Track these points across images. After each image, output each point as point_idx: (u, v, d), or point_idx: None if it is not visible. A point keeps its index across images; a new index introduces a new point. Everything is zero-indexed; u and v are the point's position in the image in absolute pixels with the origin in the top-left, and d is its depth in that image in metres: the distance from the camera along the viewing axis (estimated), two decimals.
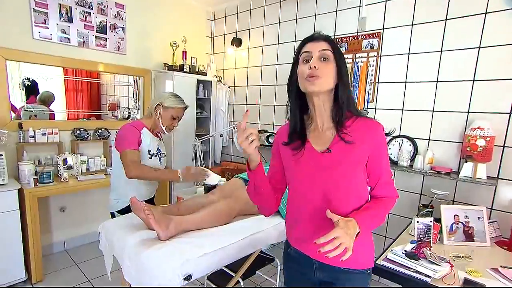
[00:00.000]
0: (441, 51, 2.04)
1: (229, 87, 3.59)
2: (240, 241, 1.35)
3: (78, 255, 2.67)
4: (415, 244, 1.43)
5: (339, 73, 0.92)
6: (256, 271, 1.89)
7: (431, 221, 1.61)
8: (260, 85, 3.26)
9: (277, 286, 2.16)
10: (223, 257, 1.27)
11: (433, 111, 2.12)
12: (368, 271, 1.00)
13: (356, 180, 0.93)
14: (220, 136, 3.55)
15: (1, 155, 2.04)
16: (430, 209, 1.90)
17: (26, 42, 2.35)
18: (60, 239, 2.73)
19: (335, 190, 0.92)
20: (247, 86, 3.42)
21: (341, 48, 2.54)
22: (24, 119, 2.45)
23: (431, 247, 1.47)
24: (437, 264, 1.28)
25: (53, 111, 2.71)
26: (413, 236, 1.66)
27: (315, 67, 0.88)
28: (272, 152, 1.10)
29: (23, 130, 2.34)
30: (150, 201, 1.84)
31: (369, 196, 1.00)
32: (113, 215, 1.76)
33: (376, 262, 1.39)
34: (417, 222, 1.61)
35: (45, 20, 2.40)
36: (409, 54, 2.20)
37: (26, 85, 2.55)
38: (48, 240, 2.66)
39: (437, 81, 2.08)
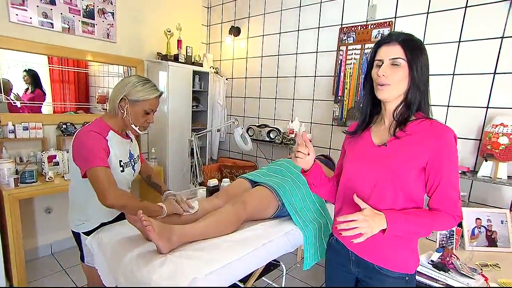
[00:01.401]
0: (459, 41, 1.91)
1: (226, 79, 3.39)
2: (251, 253, 1.19)
3: (65, 259, 2.47)
4: (441, 253, 1.31)
5: (412, 77, 0.90)
6: (261, 277, 1.76)
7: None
8: (260, 77, 3.08)
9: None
10: (232, 273, 1.11)
11: (448, 106, 1.99)
12: (407, 278, 0.95)
13: (406, 180, 0.90)
14: (218, 131, 3.37)
15: None
16: None
17: (2, 26, 2.10)
18: (46, 243, 2.53)
19: (382, 184, 0.92)
20: (245, 78, 3.23)
21: (349, 38, 2.44)
22: None
23: (455, 254, 1.36)
24: (469, 277, 1.16)
25: (13, 101, 2.36)
26: (432, 241, 1.55)
27: (383, 75, 0.90)
28: (342, 147, 1.15)
29: (1, 124, 2.11)
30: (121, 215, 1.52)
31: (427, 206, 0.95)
32: (78, 236, 1.42)
33: None
34: None
35: (23, 1, 2.15)
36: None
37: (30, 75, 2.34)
38: (33, 244, 2.46)
39: (453, 74, 1.95)
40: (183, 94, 3.01)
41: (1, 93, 2.24)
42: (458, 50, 1.92)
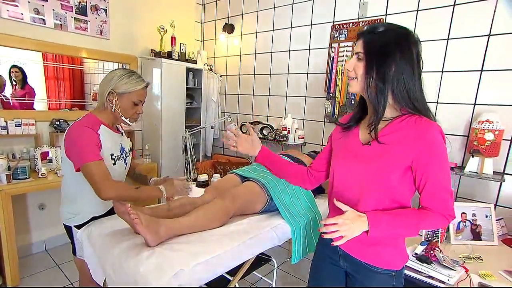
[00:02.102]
0: (448, 39, 1.93)
1: (220, 76, 3.41)
2: (237, 247, 1.21)
3: (59, 255, 2.49)
4: (425, 246, 1.34)
5: (367, 72, 0.88)
6: (252, 272, 1.78)
7: None
8: (254, 74, 3.10)
9: (274, 286, 2.06)
10: (219, 265, 1.13)
11: (437, 103, 2.02)
12: (393, 273, 0.95)
13: (389, 180, 0.88)
14: (211, 128, 3.38)
15: None
16: None
17: None
18: (40, 239, 2.54)
19: (365, 184, 0.92)
20: (239, 75, 3.25)
21: (340, 36, 2.46)
22: None
23: (439, 247, 1.38)
24: (451, 269, 1.19)
25: (6, 97, 2.36)
26: (420, 235, 1.58)
27: (348, 69, 0.92)
28: (328, 139, 1.15)
29: None
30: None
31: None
32: (69, 230, 1.42)
33: None
34: None
35: None
36: None
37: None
38: (26, 240, 2.47)
39: (442, 71, 1.98)
40: (177, 91, 3.02)
41: None
42: (446, 47, 1.95)
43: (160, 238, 1.14)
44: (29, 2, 2.23)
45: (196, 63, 3.20)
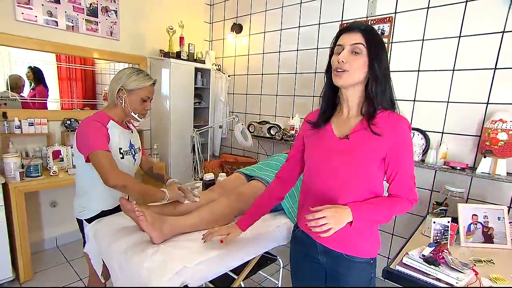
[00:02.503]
0: (460, 36, 1.89)
1: (228, 76, 3.42)
2: (241, 246, 1.22)
3: (70, 252, 2.54)
4: (433, 248, 1.31)
5: (371, 66, 0.91)
6: (257, 271, 1.78)
7: (448, 222, 1.48)
8: (262, 74, 3.10)
9: (280, 286, 2.05)
10: (222, 264, 1.14)
11: (448, 102, 1.97)
12: (371, 261, 1.02)
13: (369, 171, 0.94)
14: (219, 128, 3.40)
15: None
16: (445, 208, 1.77)
17: (9, 24, 2.16)
18: (51, 236, 2.61)
19: (346, 177, 0.95)
20: (247, 75, 3.25)
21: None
22: None
23: (448, 249, 1.35)
24: (460, 271, 1.16)
25: (25, 98, 2.44)
26: (428, 236, 1.54)
27: (342, 61, 0.90)
28: (295, 138, 1.16)
29: (7, 120, 2.18)
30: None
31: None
32: (81, 223, 1.48)
33: (390, 266, 1.27)
34: (434, 222, 1.49)
35: (29, 0, 2.21)
36: (423, 40, 2.04)
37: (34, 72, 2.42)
38: (39, 236, 2.53)
39: (453, 70, 1.93)
40: (186, 90, 3.05)
41: (9, 90, 2.32)
42: (458, 45, 1.90)
43: (164, 235, 1.16)
44: (42, 5, 2.29)
45: (204, 63, 3.22)
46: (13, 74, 2.37)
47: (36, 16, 2.27)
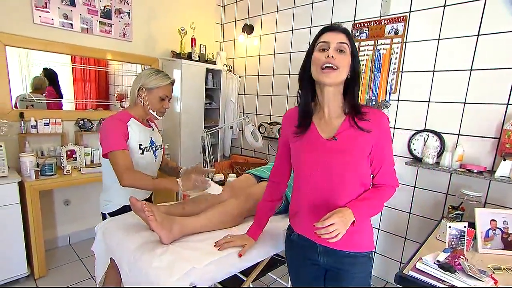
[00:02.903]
0: (478, 35, 1.82)
1: (239, 77, 3.42)
2: (251, 247, 1.20)
3: (82, 249, 2.59)
4: (449, 253, 1.26)
5: (353, 66, 0.95)
6: (267, 273, 1.76)
7: (465, 227, 1.43)
8: (273, 75, 3.08)
9: (289, 287, 2.02)
10: (231, 265, 1.13)
11: (464, 103, 1.91)
12: (370, 255, 1.06)
13: (360, 168, 0.97)
14: (230, 128, 3.40)
15: (0, 146, 1.94)
16: (461, 212, 1.71)
17: (27, 27, 2.22)
18: (64, 233, 2.66)
19: (338, 177, 0.96)
20: (258, 75, 3.24)
21: (361, 34, 2.39)
22: (21, 108, 2.32)
23: (464, 255, 1.30)
24: (477, 279, 1.12)
25: (50, 99, 2.54)
26: (442, 241, 1.49)
27: (332, 56, 0.91)
28: (279, 140, 1.15)
29: (24, 120, 2.24)
30: (148, 200, 1.64)
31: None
32: (104, 217, 1.56)
33: (403, 271, 1.23)
34: (449, 227, 1.43)
35: (46, 4, 2.27)
36: (439, 39, 1.98)
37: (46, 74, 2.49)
38: (53, 234, 2.59)
39: (471, 70, 1.87)
40: (196, 91, 3.06)
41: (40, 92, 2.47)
42: (476, 44, 1.84)
43: (173, 236, 1.16)
44: (59, 8, 2.34)
45: (215, 64, 3.23)
46: (37, 76, 2.48)
47: (52, 19, 2.33)
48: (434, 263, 1.22)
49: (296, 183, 1.08)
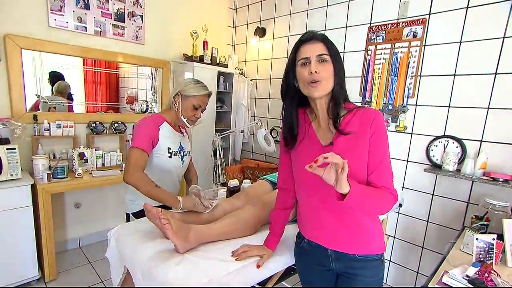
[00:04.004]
0: (504, 37, 1.75)
1: (251, 80, 3.39)
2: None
3: (92, 253, 2.57)
4: (478, 268, 1.19)
5: (336, 72, 0.94)
6: (280, 282, 1.71)
7: (493, 239, 1.35)
8: None
9: None
10: (249, 275, 1.08)
11: (488, 108, 1.83)
12: (382, 258, 1.04)
13: (363, 167, 0.94)
14: (241, 132, 3.37)
15: (14, 148, 1.94)
16: (486, 222, 1.63)
17: (42, 31, 2.23)
18: (75, 236, 2.65)
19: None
20: (270, 79, 3.21)
21: (378, 38, 2.34)
22: (43, 111, 2.35)
23: (495, 270, 1.23)
24: None
25: (71, 102, 2.61)
26: (467, 254, 1.42)
27: (316, 71, 0.91)
28: (280, 146, 1.15)
29: (37, 122, 2.24)
30: (165, 206, 1.65)
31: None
32: (128, 217, 1.60)
33: (428, 285, 1.17)
34: (477, 239, 1.36)
35: (61, 7, 2.27)
36: (460, 42, 1.91)
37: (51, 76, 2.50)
38: (63, 236, 2.58)
39: (495, 73, 1.79)
40: None
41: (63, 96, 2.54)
42: (502, 46, 1.76)
43: (189, 244, 1.12)
44: (73, 11, 2.35)
45: (227, 67, 3.21)
46: (62, 82, 2.53)
47: (67, 22, 2.33)
48: (463, 277, 1.16)
49: (299, 191, 1.08)
